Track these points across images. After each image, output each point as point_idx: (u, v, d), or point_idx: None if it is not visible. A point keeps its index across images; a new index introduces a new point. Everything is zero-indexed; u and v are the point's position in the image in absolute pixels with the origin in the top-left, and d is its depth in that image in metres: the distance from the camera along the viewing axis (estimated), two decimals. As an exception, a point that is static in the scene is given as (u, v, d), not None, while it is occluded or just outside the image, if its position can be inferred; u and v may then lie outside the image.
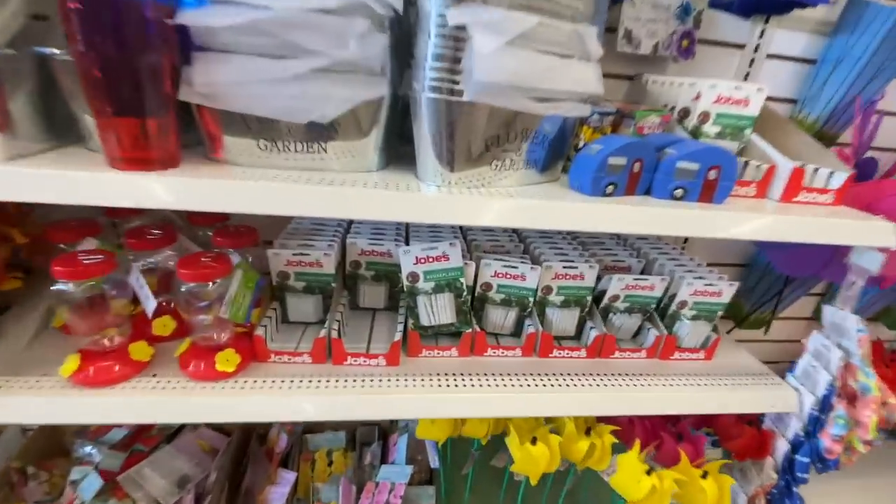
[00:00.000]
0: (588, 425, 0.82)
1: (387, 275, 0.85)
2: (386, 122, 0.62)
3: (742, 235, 0.65)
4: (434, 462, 0.92)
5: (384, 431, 1.19)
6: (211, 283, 0.63)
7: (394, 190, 0.56)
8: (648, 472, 0.74)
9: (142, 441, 1.04)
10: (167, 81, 0.51)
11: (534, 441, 0.76)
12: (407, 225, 0.95)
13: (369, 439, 1.18)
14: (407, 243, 0.85)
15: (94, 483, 0.88)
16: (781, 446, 0.85)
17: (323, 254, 0.75)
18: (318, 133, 0.58)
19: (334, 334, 0.73)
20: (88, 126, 0.59)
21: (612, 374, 0.80)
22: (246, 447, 1.12)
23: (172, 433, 1.10)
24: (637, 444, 0.77)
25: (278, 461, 1.07)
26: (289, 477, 1.01)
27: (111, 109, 0.48)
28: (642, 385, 0.78)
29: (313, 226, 0.87)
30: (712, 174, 0.63)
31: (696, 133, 0.76)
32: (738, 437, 0.87)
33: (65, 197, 0.50)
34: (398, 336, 0.74)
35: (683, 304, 0.83)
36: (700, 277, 0.83)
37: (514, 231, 0.99)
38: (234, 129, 0.57)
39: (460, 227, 0.98)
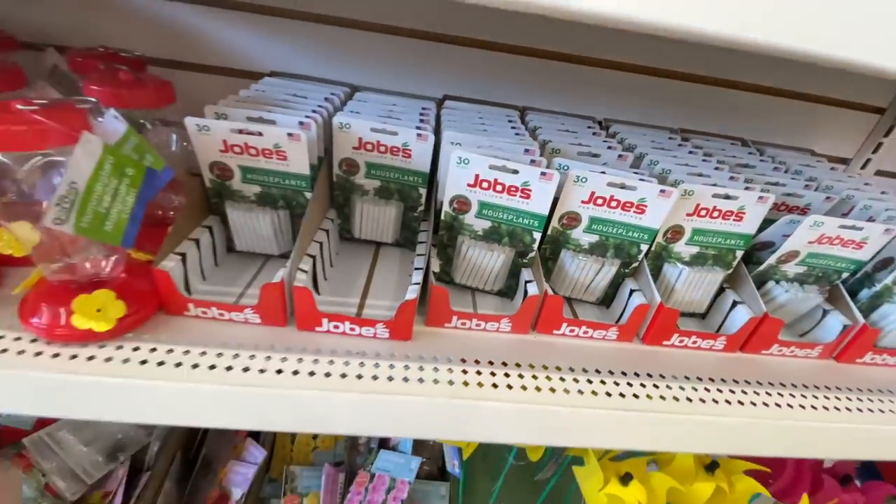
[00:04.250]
0: (709, 458, 0.50)
1: (400, 189, 0.51)
2: None
3: None
4: (454, 469, 0.65)
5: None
6: (37, 157, 0.31)
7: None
8: (816, 551, 0.43)
9: (69, 389, 0.80)
10: None
11: (626, 479, 0.46)
12: (439, 108, 0.59)
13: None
14: (436, 133, 0.50)
15: (-18, 448, 0.64)
16: None
17: (287, 134, 0.42)
18: None
19: (302, 279, 0.42)
20: None
21: (769, 384, 0.47)
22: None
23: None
24: (805, 500, 0.45)
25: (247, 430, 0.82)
26: (257, 455, 0.75)
27: None
28: (822, 408, 0.45)
29: (285, 95, 0.52)
30: None
31: None
32: (930, 486, 0.55)
33: None
34: (413, 291, 0.42)
35: (910, 276, 0.48)
36: (946, 234, 0.46)
37: (608, 132, 0.63)
38: None
39: (521, 117, 0.62)
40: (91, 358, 0.36)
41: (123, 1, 0.60)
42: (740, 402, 0.44)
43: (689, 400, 0.43)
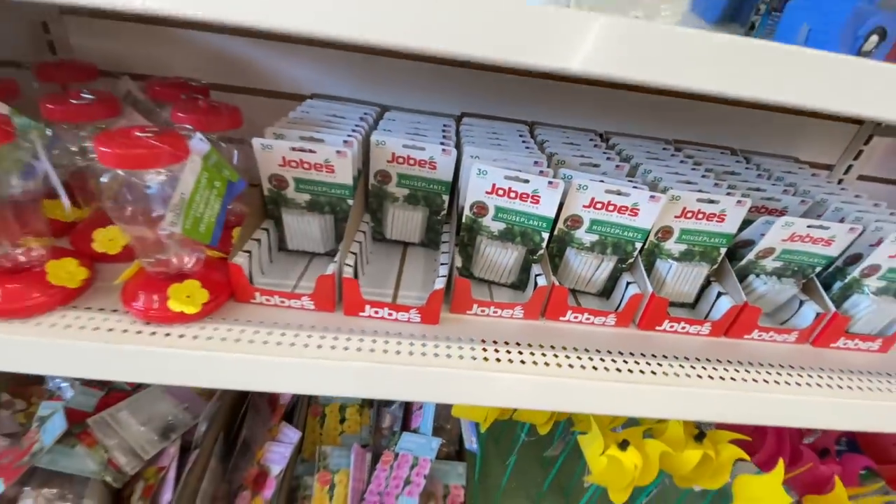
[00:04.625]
0: (698, 428, 0.57)
1: (426, 196, 0.59)
2: None
3: None
4: (472, 445, 0.72)
5: (408, 389, 1.01)
6: (152, 174, 0.39)
7: None
8: (791, 508, 0.50)
9: (123, 377, 0.88)
10: None
11: (624, 445, 0.53)
12: (458, 125, 0.67)
13: (390, 396, 1.00)
14: (457, 148, 0.58)
15: (57, 425, 0.72)
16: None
17: (335, 151, 0.50)
18: None
19: (349, 272, 0.50)
20: None
21: (749, 364, 0.54)
22: (246, 392, 0.95)
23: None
24: (781, 465, 0.52)
25: (282, 413, 0.90)
26: (292, 436, 0.83)
27: None
28: (795, 384, 0.52)
29: (327, 116, 0.60)
30: None
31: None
32: (903, 461, 0.62)
33: None
34: (440, 283, 0.50)
35: (874, 269, 0.55)
36: (906, 232, 0.53)
37: (608, 144, 0.70)
38: None
39: (531, 131, 0.70)
40: (181, 336, 0.45)
41: (184, 33, 0.69)
42: (721, 378, 0.51)
43: (677, 375, 0.50)
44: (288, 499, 0.80)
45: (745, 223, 0.56)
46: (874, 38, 0.32)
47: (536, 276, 0.54)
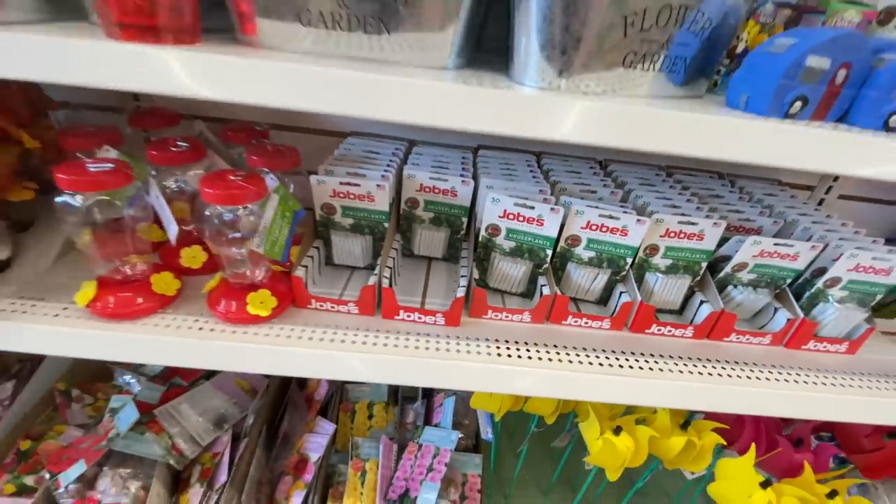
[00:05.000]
0: (684, 418, 0.66)
1: (448, 219, 0.70)
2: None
3: None
4: (487, 434, 0.81)
5: (428, 389, 1.10)
6: (241, 208, 0.51)
7: (479, 86, 0.39)
8: (764, 485, 0.58)
9: (181, 374, 1.01)
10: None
11: (617, 431, 0.62)
12: (475, 156, 0.78)
13: (412, 395, 1.10)
14: (474, 178, 0.68)
15: (130, 414, 0.85)
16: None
17: (376, 185, 0.61)
18: (383, 8, 0.42)
19: (385, 283, 0.60)
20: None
21: (726, 362, 0.63)
22: (285, 390, 1.06)
23: (212, 370, 1.06)
24: (753, 449, 0.61)
25: (317, 409, 1.01)
26: (328, 427, 0.94)
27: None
28: (765, 379, 0.61)
29: (364, 153, 0.72)
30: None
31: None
32: (873, 451, 0.69)
33: (49, 72, 0.37)
34: (461, 292, 0.60)
35: (835, 281, 0.63)
36: (864, 248, 0.62)
37: (605, 171, 0.80)
38: (271, 2, 0.42)
39: (538, 160, 0.81)
40: (256, 334, 0.56)
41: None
42: (700, 373, 0.60)
43: (661, 370, 0.60)
44: (325, 484, 0.90)
45: (723, 241, 0.65)
46: (798, 104, 0.42)
47: (542, 286, 0.64)
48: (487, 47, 0.62)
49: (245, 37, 0.45)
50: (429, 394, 1.08)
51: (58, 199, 0.49)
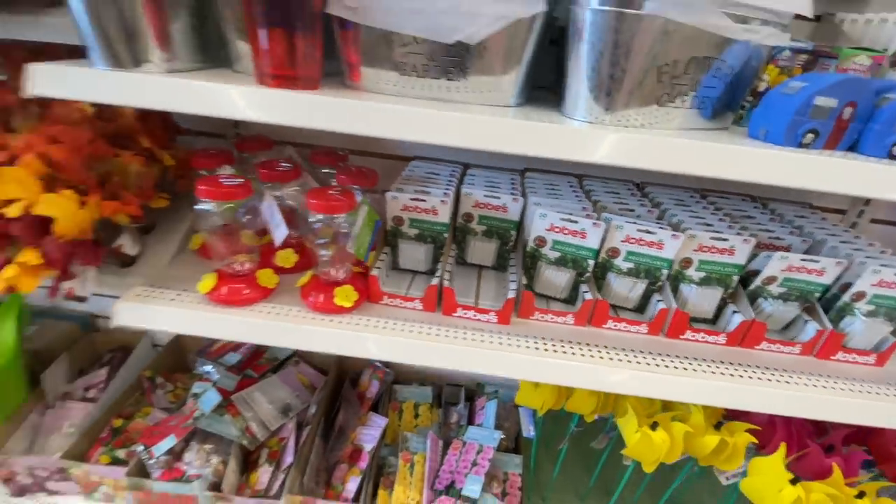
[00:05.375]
0: (717, 420, 0.71)
1: (498, 231, 0.80)
2: (534, 49, 0.55)
3: None
4: (529, 431, 0.88)
5: (470, 393, 1.18)
6: (337, 217, 0.62)
7: (538, 121, 0.50)
8: (793, 482, 0.63)
9: (253, 367, 1.13)
10: (316, -4, 0.49)
11: (654, 426, 0.68)
12: (522, 178, 0.88)
13: (454, 400, 1.18)
14: (523, 196, 0.78)
15: (213, 398, 0.97)
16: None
17: (440, 201, 0.72)
18: (460, 59, 0.53)
19: (446, 283, 0.70)
20: (237, 49, 0.59)
21: (756, 366, 0.68)
22: (339, 388, 1.16)
23: (277, 365, 1.18)
24: (783, 447, 0.65)
25: (369, 405, 1.10)
26: (380, 422, 1.03)
27: (264, 19, 0.47)
28: (794, 383, 0.66)
29: (427, 174, 0.84)
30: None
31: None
32: (908, 464, 0.72)
33: (215, 108, 0.50)
34: (512, 293, 0.69)
35: (860, 295, 0.68)
36: (887, 265, 0.67)
37: (643, 193, 0.88)
38: (373, 55, 0.55)
39: (580, 183, 0.90)
40: (340, 322, 0.67)
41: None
42: (731, 375, 0.66)
43: (695, 371, 0.66)
44: (376, 473, 0.98)
45: (754, 256, 0.71)
46: (810, 136, 0.50)
47: (584, 292, 0.72)
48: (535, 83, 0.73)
49: (352, 82, 0.58)
50: (471, 398, 1.15)
51: (196, 207, 0.62)
